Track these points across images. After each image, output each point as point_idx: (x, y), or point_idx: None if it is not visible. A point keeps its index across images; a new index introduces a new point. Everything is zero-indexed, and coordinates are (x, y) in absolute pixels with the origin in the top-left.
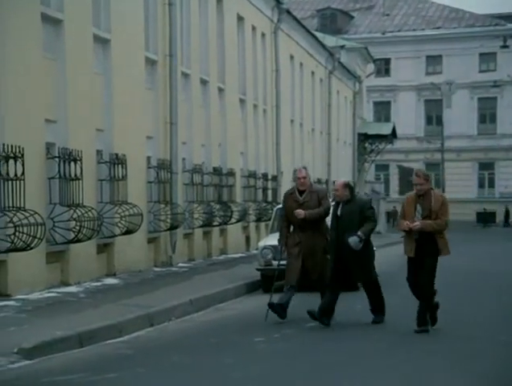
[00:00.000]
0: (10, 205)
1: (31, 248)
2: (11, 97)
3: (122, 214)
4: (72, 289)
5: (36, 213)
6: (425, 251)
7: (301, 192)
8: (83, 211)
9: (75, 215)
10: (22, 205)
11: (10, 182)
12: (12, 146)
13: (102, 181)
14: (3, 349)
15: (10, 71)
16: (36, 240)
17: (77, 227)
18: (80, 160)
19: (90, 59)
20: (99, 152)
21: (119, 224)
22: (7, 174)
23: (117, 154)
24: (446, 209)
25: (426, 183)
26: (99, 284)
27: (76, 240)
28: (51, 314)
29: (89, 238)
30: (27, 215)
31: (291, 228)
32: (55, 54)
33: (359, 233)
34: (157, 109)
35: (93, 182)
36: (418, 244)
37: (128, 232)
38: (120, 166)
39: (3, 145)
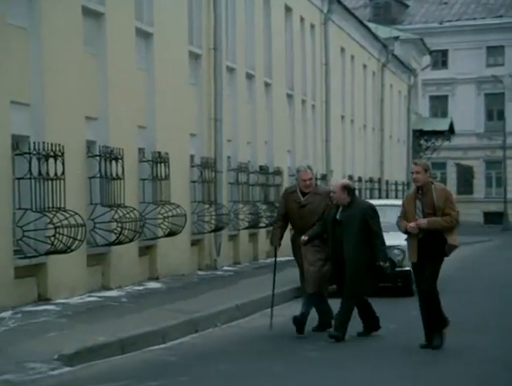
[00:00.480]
0: (50, 205)
1: (72, 251)
2: (51, 94)
3: (165, 215)
4: (114, 293)
5: (77, 214)
6: (430, 253)
7: (304, 193)
8: (124, 212)
9: (116, 216)
10: (62, 205)
11: (49, 181)
12: (52, 145)
13: (144, 180)
14: (43, 355)
15: (49, 66)
16: (77, 241)
17: (118, 229)
18: (122, 158)
19: (132, 54)
20: (141, 150)
21: (162, 226)
22: (47, 173)
23: (159, 153)
24: (452, 203)
25: (424, 174)
26: (141, 288)
27: (118, 242)
28: (92, 319)
29: (131, 240)
30: (68, 215)
31: (289, 231)
32: (96, 48)
33: (381, 263)
34: (201, 105)
35: (135, 181)
36: (422, 246)
37: (171, 233)
38: (162, 164)
39: (43, 143)
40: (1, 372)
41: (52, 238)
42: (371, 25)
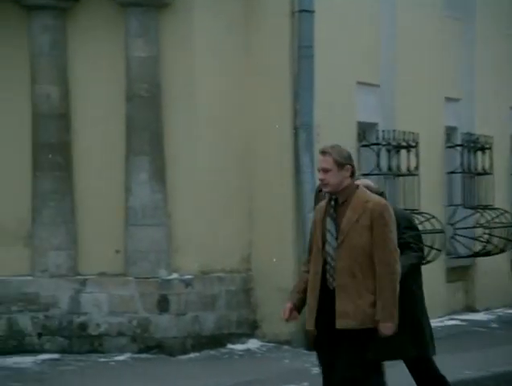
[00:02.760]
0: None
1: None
2: (402, 72)
3: None
4: (480, 316)
5: (433, 217)
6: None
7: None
8: (493, 215)
9: (482, 221)
10: (415, 207)
11: (401, 178)
12: (404, 133)
13: None
14: None
15: (400, 38)
16: (434, 251)
17: (485, 236)
18: (490, 148)
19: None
20: None
21: None
22: (397, 167)
23: None
24: (391, 230)
25: (338, 170)
26: None
27: (485, 253)
28: (454, 347)
29: (502, 250)
30: (423, 219)
31: None
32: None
33: None
34: None
35: (507, 177)
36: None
37: None
38: None
39: (393, 132)
40: None
41: None
42: None
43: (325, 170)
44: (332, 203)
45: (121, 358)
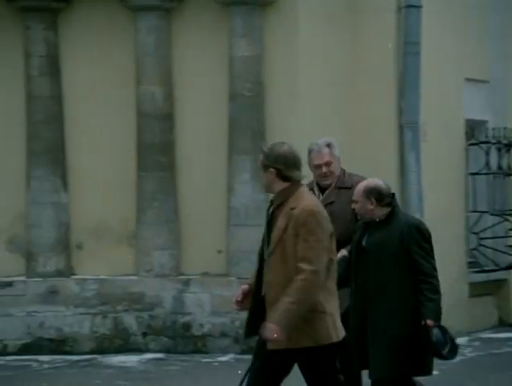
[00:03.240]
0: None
1: None
2: None
3: None
4: None
5: None
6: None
7: (323, 188)
8: None
9: None
10: None
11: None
12: None
13: None
14: None
15: None
16: None
17: None
18: None
19: None
20: None
21: None
22: (508, 166)
23: None
24: (314, 240)
25: (264, 172)
26: None
27: None
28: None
29: None
30: None
31: None
32: None
33: (429, 322)
34: None
35: None
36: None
37: None
38: None
39: (503, 129)
40: None
41: None
42: None
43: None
44: (271, 208)
45: (224, 359)
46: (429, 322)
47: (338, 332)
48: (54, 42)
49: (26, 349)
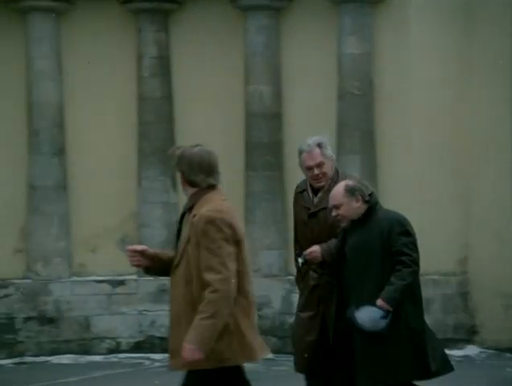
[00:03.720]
0: None
1: None
2: None
3: None
4: None
5: None
6: None
7: (316, 190)
8: None
9: None
10: None
11: None
12: None
13: None
14: None
15: None
16: None
17: None
18: None
19: None
20: None
21: None
22: None
23: None
24: (216, 247)
25: (186, 183)
26: None
27: None
28: None
29: None
30: None
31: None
32: None
33: (380, 302)
34: None
35: None
36: None
37: None
38: None
39: None
40: None
41: None
42: None
43: None
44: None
45: None
46: (379, 302)
47: (249, 353)
48: (165, 43)
49: (138, 347)
